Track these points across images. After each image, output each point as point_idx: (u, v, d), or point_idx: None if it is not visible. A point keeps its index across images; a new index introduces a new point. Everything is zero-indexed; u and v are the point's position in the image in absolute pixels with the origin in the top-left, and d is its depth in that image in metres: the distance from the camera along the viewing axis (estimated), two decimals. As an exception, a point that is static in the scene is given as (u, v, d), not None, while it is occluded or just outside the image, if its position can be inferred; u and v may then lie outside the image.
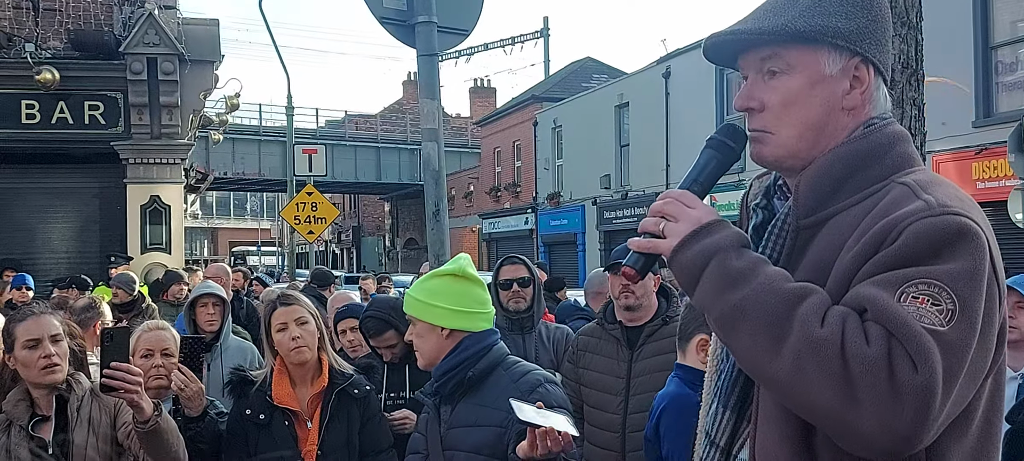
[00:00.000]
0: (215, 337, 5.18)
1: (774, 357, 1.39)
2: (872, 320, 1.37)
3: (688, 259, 1.52)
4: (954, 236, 1.39)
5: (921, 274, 1.37)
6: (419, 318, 2.82)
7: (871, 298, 1.38)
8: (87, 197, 13.63)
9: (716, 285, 1.48)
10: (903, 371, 1.31)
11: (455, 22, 5.30)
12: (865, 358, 1.33)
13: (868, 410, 1.32)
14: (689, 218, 1.55)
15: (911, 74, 2.71)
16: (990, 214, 15.09)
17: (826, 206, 1.55)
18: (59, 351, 3.14)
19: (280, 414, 3.41)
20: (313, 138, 34.91)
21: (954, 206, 1.42)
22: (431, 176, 5.14)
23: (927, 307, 1.34)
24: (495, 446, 2.66)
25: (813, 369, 1.35)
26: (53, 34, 12.89)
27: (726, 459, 1.68)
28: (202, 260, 50.24)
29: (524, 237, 33.50)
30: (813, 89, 1.59)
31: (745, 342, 1.44)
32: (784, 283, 1.45)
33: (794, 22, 1.57)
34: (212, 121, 17.71)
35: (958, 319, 1.34)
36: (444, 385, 2.79)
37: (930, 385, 1.31)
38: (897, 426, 1.31)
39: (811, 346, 1.36)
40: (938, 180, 1.52)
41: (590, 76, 34.67)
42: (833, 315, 1.39)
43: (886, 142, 1.57)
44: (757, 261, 1.49)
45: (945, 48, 14.16)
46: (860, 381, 1.32)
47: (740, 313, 1.44)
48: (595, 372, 3.89)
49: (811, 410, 1.40)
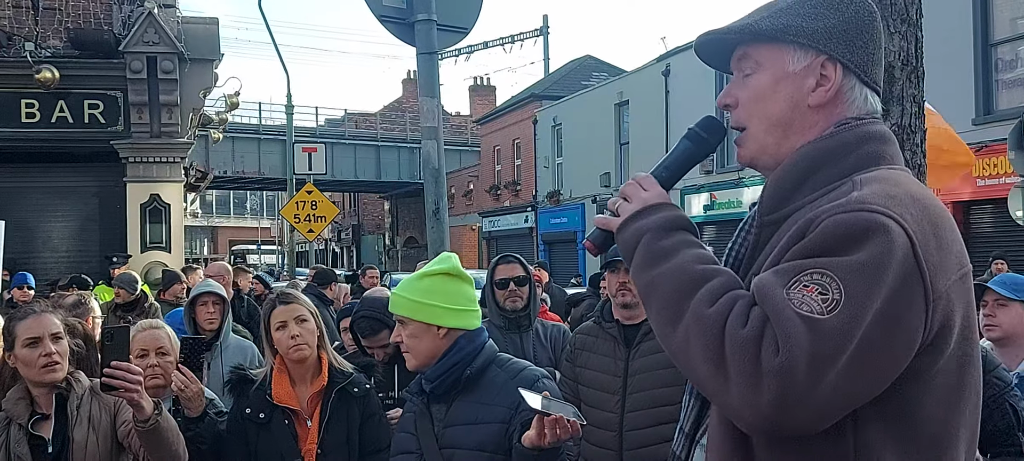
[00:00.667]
0: (215, 336, 5.18)
1: (672, 331, 1.50)
2: (758, 304, 1.43)
3: (627, 236, 1.65)
4: (861, 231, 1.41)
5: (817, 264, 1.41)
6: (413, 318, 2.77)
7: (761, 284, 1.45)
8: (87, 196, 13.64)
9: (641, 262, 1.60)
10: (767, 353, 1.36)
11: (454, 20, 5.30)
12: (737, 338, 1.40)
13: (735, 388, 1.39)
14: (639, 199, 1.67)
15: (911, 71, 2.71)
16: (990, 212, 15.08)
17: (788, 203, 1.60)
18: (59, 350, 3.14)
19: (280, 413, 3.41)
20: (313, 136, 34.85)
21: (874, 203, 1.44)
22: (431, 174, 5.15)
23: (813, 295, 1.38)
24: (498, 443, 2.65)
25: (696, 345, 1.44)
26: (53, 33, 12.89)
27: (690, 445, 1.75)
28: (202, 259, 50.23)
29: (524, 235, 33.51)
30: (778, 85, 1.65)
31: (654, 316, 1.56)
32: (696, 265, 1.53)
33: (759, 23, 1.66)
34: (212, 120, 17.71)
35: (841, 309, 1.36)
36: (440, 385, 2.76)
37: (788, 367, 1.34)
38: (759, 405, 1.36)
39: (698, 323, 1.45)
40: (883, 177, 1.53)
41: (590, 74, 34.67)
42: (726, 297, 1.46)
43: (853, 141, 1.60)
44: (682, 243, 1.58)
45: (945, 45, 14.16)
46: (731, 359, 1.39)
47: (653, 288, 1.56)
48: (592, 371, 3.88)
49: (697, 383, 1.50)
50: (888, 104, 2.68)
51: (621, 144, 27.13)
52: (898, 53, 2.69)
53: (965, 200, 15.46)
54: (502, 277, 4.67)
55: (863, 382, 1.39)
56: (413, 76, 46.29)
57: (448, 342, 2.76)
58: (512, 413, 2.65)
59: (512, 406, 2.66)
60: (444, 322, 2.76)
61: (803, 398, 1.35)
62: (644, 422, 3.63)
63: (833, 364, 1.35)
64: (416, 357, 2.79)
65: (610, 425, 3.70)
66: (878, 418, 1.46)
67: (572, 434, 2.37)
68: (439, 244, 5.05)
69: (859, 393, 1.40)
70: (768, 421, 1.38)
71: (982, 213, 15.52)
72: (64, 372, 3.17)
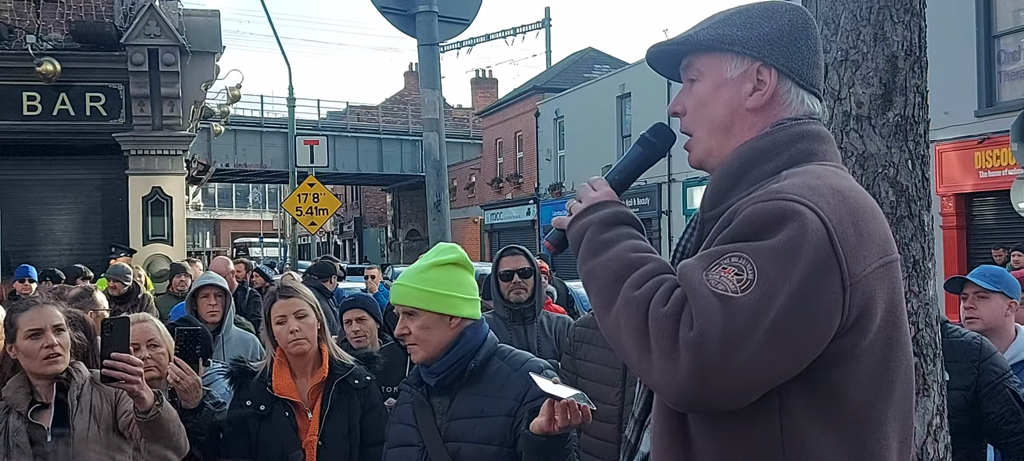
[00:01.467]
0: (217, 328, 5.18)
1: (606, 314, 1.60)
2: (680, 286, 1.52)
3: (574, 232, 1.77)
4: (776, 218, 1.50)
5: (734, 248, 1.51)
6: (427, 309, 2.72)
7: (684, 267, 1.55)
8: (89, 189, 13.63)
9: (584, 253, 1.72)
10: (684, 328, 1.45)
11: (456, 11, 5.29)
12: (657, 315, 1.49)
13: (656, 363, 1.47)
14: (588, 198, 1.79)
15: (914, 61, 2.69)
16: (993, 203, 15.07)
17: (725, 200, 1.68)
18: (61, 341, 3.14)
19: (280, 405, 3.40)
20: (315, 129, 34.84)
21: (790, 193, 1.53)
22: (432, 166, 5.14)
23: (729, 276, 1.47)
24: (504, 436, 2.63)
25: (624, 325, 1.54)
26: (54, 25, 12.87)
27: (640, 429, 1.84)
28: (204, 252, 50.27)
29: (526, 228, 33.51)
30: (717, 92, 1.75)
31: (593, 301, 1.67)
32: (629, 254, 1.64)
33: (698, 34, 1.77)
34: (214, 112, 17.72)
35: (754, 287, 1.45)
36: (446, 377, 2.73)
37: (700, 341, 1.43)
38: (676, 378, 1.45)
39: (625, 305, 1.55)
40: (808, 171, 1.62)
41: (592, 66, 34.63)
42: (652, 281, 1.56)
43: (785, 140, 1.69)
44: (619, 236, 1.69)
45: (948, 37, 14.12)
46: (652, 335, 1.48)
47: (592, 276, 1.67)
48: (592, 363, 3.87)
49: (627, 362, 1.58)
50: (892, 95, 2.66)
51: (623, 136, 27.10)
52: (902, 43, 2.67)
53: (967, 192, 15.45)
54: (507, 269, 4.66)
55: (777, 359, 1.46)
56: (415, 69, 46.24)
57: (456, 333, 2.73)
58: (517, 405, 2.64)
59: (517, 398, 2.65)
60: (459, 311, 2.73)
61: (717, 371, 1.43)
62: (645, 414, 3.62)
63: (746, 340, 1.43)
64: (426, 349, 2.74)
65: (610, 417, 3.69)
66: (803, 399, 1.53)
67: (583, 420, 2.35)
68: (440, 236, 5.03)
69: (774, 370, 1.48)
70: (685, 394, 1.46)
71: (984, 205, 15.50)
72: (66, 364, 3.17)
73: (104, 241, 12.91)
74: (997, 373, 3.43)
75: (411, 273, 2.79)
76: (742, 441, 1.55)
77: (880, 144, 2.67)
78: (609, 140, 27.33)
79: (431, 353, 2.73)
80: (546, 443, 2.42)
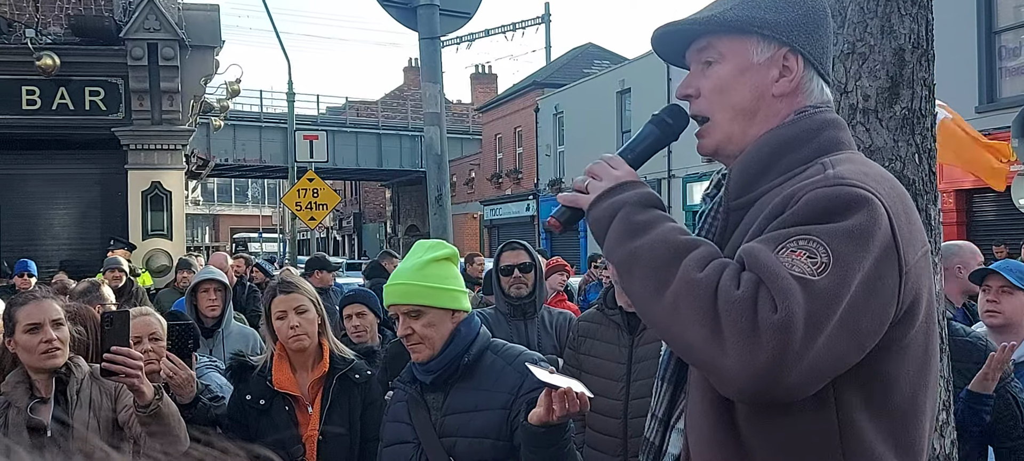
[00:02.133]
0: (217, 323, 5.18)
1: (658, 299, 1.52)
2: (748, 269, 1.46)
3: (600, 212, 1.67)
4: (843, 203, 1.47)
5: (802, 231, 1.46)
6: (434, 305, 2.66)
7: (750, 250, 1.49)
8: (88, 183, 13.62)
9: (619, 235, 1.62)
10: (764, 311, 1.39)
11: (457, 5, 5.27)
12: (731, 298, 1.42)
13: (731, 347, 1.40)
14: (609, 177, 1.70)
15: (921, 54, 2.67)
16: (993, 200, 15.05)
17: (754, 188, 1.64)
18: (60, 336, 3.13)
19: (280, 399, 3.39)
20: (314, 124, 34.81)
21: (851, 178, 1.51)
22: (433, 160, 5.12)
23: (802, 258, 1.43)
24: (500, 428, 2.61)
25: (686, 309, 1.46)
26: (53, 19, 12.85)
27: (665, 430, 1.77)
28: (204, 247, 50.25)
29: (525, 223, 33.49)
30: (742, 76, 1.69)
31: (637, 286, 1.58)
32: (677, 235, 1.57)
33: (724, 13, 1.70)
34: (213, 107, 17.67)
35: (830, 271, 1.41)
36: (442, 373, 2.69)
37: (787, 324, 1.37)
38: (756, 363, 1.38)
39: (687, 288, 1.47)
40: (852, 158, 1.62)
41: (592, 62, 34.60)
42: (714, 264, 1.49)
43: (814, 127, 1.66)
44: (658, 217, 1.62)
45: (948, 33, 14.09)
46: (725, 319, 1.42)
47: (634, 259, 1.58)
48: (596, 358, 3.86)
49: (686, 349, 1.51)
50: (899, 87, 2.64)
51: (623, 132, 27.08)
52: (909, 36, 2.65)
53: (967, 188, 15.44)
54: (507, 264, 4.63)
55: (849, 345, 1.44)
56: (414, 64, 46.21)
57: (452, 328, 2.71)
58: (513, 398, 2.62)
59: (512, 390, 2.63)
60: (460, 305, 2.71)
61: (800, 356, 1.38)
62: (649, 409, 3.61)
63: (826, 324, 1.39)
64: (431, 347, 2.67)
65: (614, 412, 3.68)
66: (857, 390, 1.51)
67: (581, 408, 2.33)
68: (442, 231, 5.03)
69: (845, 357, 1.44)
70: (762, 381, 1.39)
71: (984, 201, 15.49)
72: (64, 358, 3.15)
73: (103, 235, 12.89)
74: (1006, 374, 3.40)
75: (408, 271, 2.70)
76: (799, 435, 1.51)
77: (887, 137, 2.65)
78: (609, 136, 27.30)
79: (435, 350, 2.67)
80: (545, 433, 2.40)
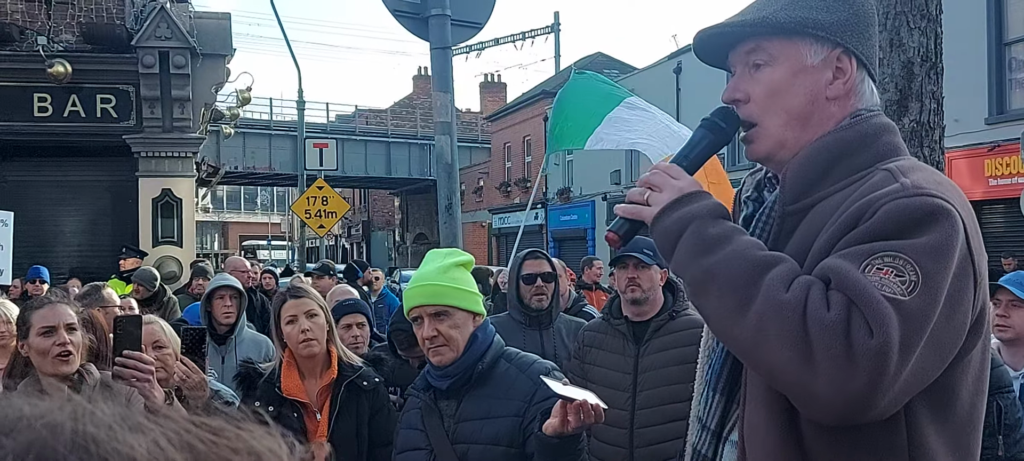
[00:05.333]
0: (230, 329, 5.19)
1: (739, 319, 1.45)
2: (835, 288, 1.41)
3: (668, 225, 1.60)
4: (925, 215, 1.42)
5: (888, 247, 1.41)
6: (461, 306, 2.68)
7: (836, 268, 1.43)
8: (99, 190, 13.66)
9: (691, 250, 1.55)
10: (859, 335, 1.35)
11: (469, 15, 5.29)
12: (823, 321, 1.37)
13: (824, 372, 1.36)
14: (672, 188, 1.63)
15: (930, 67, 2.69)
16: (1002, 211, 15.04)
17: (812, 193, 1.60)
18: (73, 340, 3.14)
19: (289, 406, 3.40)
20: (324, 132, 34.86)
21: (929, 188, 1.46)
22: (444, 169, 5.14)
23: (890, 278, 1.38)
24: (513, 436, 2.62)
25: (774, 331, 1.40)
26: (65, 27, 12.91)
27: (717, 442, 1.73)
28: (213, 254, 50.35)
29: (534, 232, 33.48)
30: (795, 79, 1.64)
31: (714, 304, 1.51)
32: (755, 251, 1.51)
33: (776, 15, 1.63)
34: (223, 115, 17.76)
35: (920, 290, 1.37)
36: (459, 379, 2.70)
37: (885, 349, 1.34)
38: (851, 388, 1.35)
39: (774, 309, 1.41)
40: (919, 166, 1.57)
41: (601, 71, 34.57)
42: (799, 282, 1.44)
43: (872, 132, 1.61)
44: (732, 230, 1.56)
45: (959, 44, 14.06)
46: (817, 343, 1.37)
47: (711, 276, 1.51)
48: (602, 368, 3.86)
49: (771, 372, 1.45)
50: (907, 100, 2.66)
51: (632, 142, 27.04)
52: (918, 49, 2.66)
53: (977, 199, 15.39)
54: (530, 272, 4.59)
55: (934, 362, 1.42)
56: (423, 72, 46.28)
57: (473, 331, 2.72)
58: (525, 405, 2.63)
59: (526, 398, 2.64)
60: (480, 309, 2.74)
61: (894, 380, 1.35)
62: (655, 419, 3.61)
63: (918, 345, 1.37)
64: (456, 349, 2.67)
65: (621, 422, 3.68)
66: (925, 402, 1.47)
67: (595, 420, 2.34)
68: (452, 239, 5.04)
69: (929, 374, 1.43)
70: (856, 405, 1.36)
71: (994, 213, 15.44)
72: (77, 364, 3.17)
73: (114, 243, 12.93)
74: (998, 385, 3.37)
75: (432, 273, 2.71)
76: (866, 447, 1.47)
77: (895, 150, 2.66)
78: (617, 145, 27.25)
79: (458, 353, 2.68)
80: (559, 444, 2.41)
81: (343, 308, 4.68)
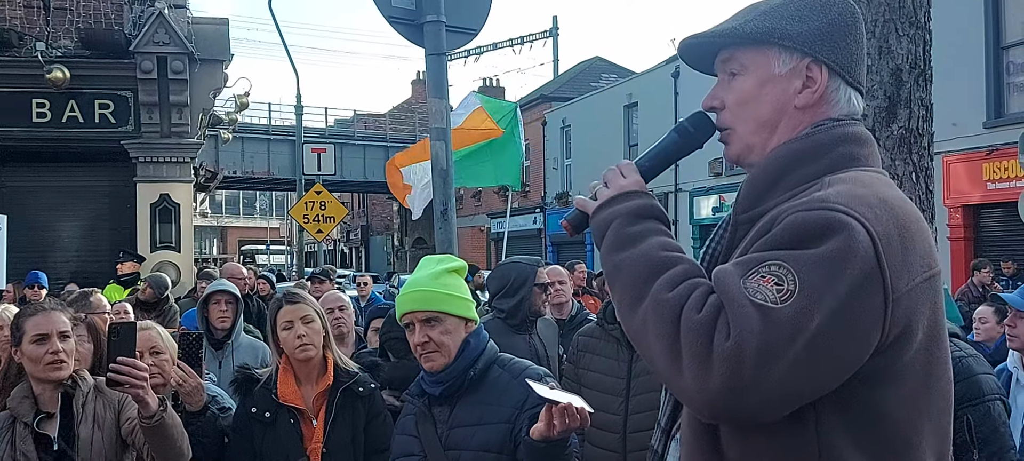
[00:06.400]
0: (227, 335, 5.20)
1: (632, 314, 1.53)
2: (715, 292, 1.46)
3: (599, 220, 1.69)
4: (822, 229, 1.43)
5: (774, 256, 1.44)
6: (452, 313, 2.70)
7: (720, 273, 1.48)
8: (97, 195, 13.66)
9: (609, 245, 1.64)
10: (719, 337, 1.39)
11: (463, 21, 5.29)
12: (691, 322, 1.42)
13: (687, 370, 1.41)
14: (616, 185, 1.71)
15: (918, 74, 2.69)
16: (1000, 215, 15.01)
17: (761, 202, 1.62)
18: (66, 348, 3.15)
19: (285, 412, 3.42)
20: (322, 137, 34.84)
21: (836, 202, 1.46)
22: (439, 175, 5.14)
23: (768, 285, 1.41)
24: (503, 443, 2.63)
25: (653, 327, 1.47)
26: (64, 33, 12.92)
27: (667, 439, 1.77)
28: (212, 259, 50.33)
29: (532, 237, 33.47)
30: (763, 88, 1.67)
31: (617, 297, 1.59)
32: (659, 252, 1.57)
33: (745, 26, 1.67)
34: (222, 120, 17.75)
35: (794, 299, 1.38)
36: (451, 385, 2.71)
37: (736, 352, 1.36)
38: (708, 388, 1.38)
39: (656, 307, 1.48)
40: (853, 179, 1.56)
41: (599, 76, 34.64)
42: (685, 284, 1.49)
43: (827, 142, 1.62)
44: (648, 231, 1.62)
45: (956, 48, 14.09)
46: (683, 341, 1.42)
47: (618, 272, 1.59)
48: (595, 373, 3.87)
49: (652, 366, 1.51)
50: (896, 107, 2.66)
51: (630, 146, 27.09)
52: (906, 56, 2.67)
53: (975, 203, 15.40)
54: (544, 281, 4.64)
55: (813, 375, 1.41)
56: (422, 77, 46.24)
57: (464, 337, 2.73)
58: (517, 412, 2.64)
59: (517, 405, 2.65)
60: (472, 315, 2.75)
61: (752, 384, 1.37)
62: (648, 424, 3.58)
63: (783, 353, 1.37)
64: (447, 355, 2.69)
65: (614, 427, 3.70)
66: (840, 417, 1.47)
67: (581, 424, 2.35)
68: (447, 245, 5.04)
69: (809, 385, 1.42)
70: (716, 406, 1.40)
71: (992, 217, 15.45)
72: (70, 370, 3.18)
73: (112, 247, 12.93)
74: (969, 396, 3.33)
75: (425, 279, 2.73)
76: (778, 453, 1.49)
77: (884, 157, 2.66)
78: (616, 149, 27.30)
79: (449, 359, 2.70)
80: (546, 448, 2.42)
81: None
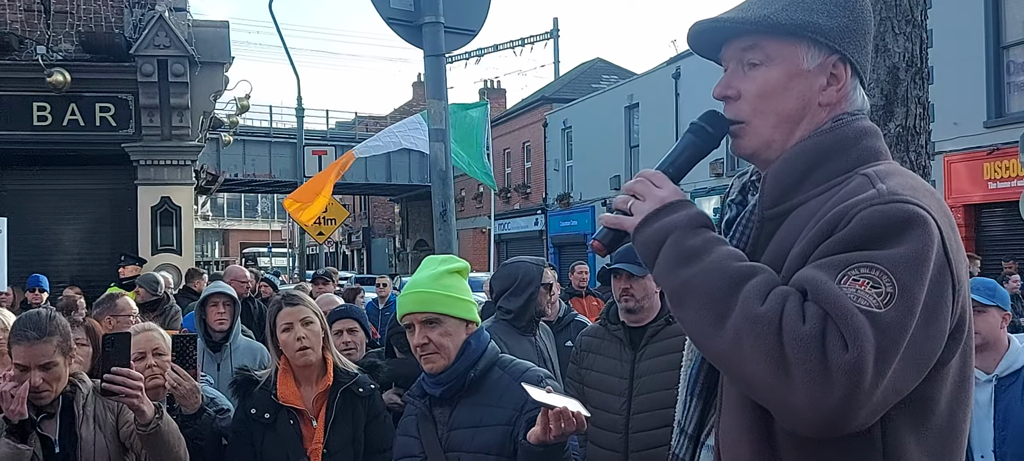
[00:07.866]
0: (225, 337, 5.20)
1: (717, 331, 1.43)
2: (811, 300, 1.39)
3: (648, 235, 1.58)
4: (901, 223, 1.40)
5: (863, 258, 1.39)
6: (452, 314, 2.69)
7: (812, 279, 1.41)
8: (98, 199, 13.66)
9: (670, 261, 1.53)
10: (834, 349, 1.33)
11: (462, 22, 5.30)
12: (799, 335, 1.35)
13: (799, 386, 1.34)
14: (654, 197, 1.60)
15: (915, 72, 2.69)
16: (1001, 215, 15.05)
17: (790, 197, 1.58)
18: (48, 377, 3.04)
19: (285, 413, 3.41)
20: (323, 139, 34.90)
21: (904, 194, 1.44)
22: (438, 176, 5.14)
23: (866, 289, 1.36)
24: (503, 445, 2.63)
25: (750, 344, 1.38)
26: (64, 36, 12.94)
27: (695, 447, 1.73)
28: (214, 261, 50.35)
29: (534, 238, 33.48)
30: (790, 82, 1.62)
31: (692, 316, 1.49)
32: (733, 262, 1.49)
33: (776, 15, 1.60)
34: (222, 123, 17.76)
35: (896, 302, 1.35)
36: (452, 386, 2.71)
37: (859, 364, 1.32)
38: (826, 403, 1.33)
39: (750, 322, 1.39)
40: (898, 171, 1.55)
41: (600, 77, 34.67)
42: (775, 294, 1.42)
43: (852, 136, 1.60)
44: (711, 241, 1.53)
45: (957, 48, 14.11)
46: (793, 357, 1.35)
47: (689, 288, 1.49)
48: (598, 373, 3.88)
49: (749, 384, 1.43)
50: (893, 106, 2.67)
51: (631, 147, 27.09)
52: (903, 54, 2.67)
53: (976, 203, 15.40)
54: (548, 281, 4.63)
55: (912, 374, 1.40)
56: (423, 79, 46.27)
57: (465, 339, 2.73)
58: (516, 414, 2.64)
59: (516, 407, 2.64)
60: (473, 317, 2.74)
61: (870, 394, 1.34)
62: (650, 424, 3.62)
63: (895, 358, 1.35)
64: (447, 357, 2.69)
65: (616, 427, 3.70)
66: (904, 412, 1.45)
67: (577, 428, 2.35)
68: (446, 246, 5.04)
69: (908, 385, 1.40)
70: (831, 420, 1.35)
71: (992, 216, 15.45)
72: (52, 397, 3.12)
73: (113, 251, 12.95)
74: None
75: (425, 281, 2.73)
76: (839, 451, 1.45)
77: (883, 155, 2.67)
78: (617, 151, 27.31)
79: (449, 360, 2.70)
80: (543, 452, 2.42)
81: (335, 314, 4.63)
